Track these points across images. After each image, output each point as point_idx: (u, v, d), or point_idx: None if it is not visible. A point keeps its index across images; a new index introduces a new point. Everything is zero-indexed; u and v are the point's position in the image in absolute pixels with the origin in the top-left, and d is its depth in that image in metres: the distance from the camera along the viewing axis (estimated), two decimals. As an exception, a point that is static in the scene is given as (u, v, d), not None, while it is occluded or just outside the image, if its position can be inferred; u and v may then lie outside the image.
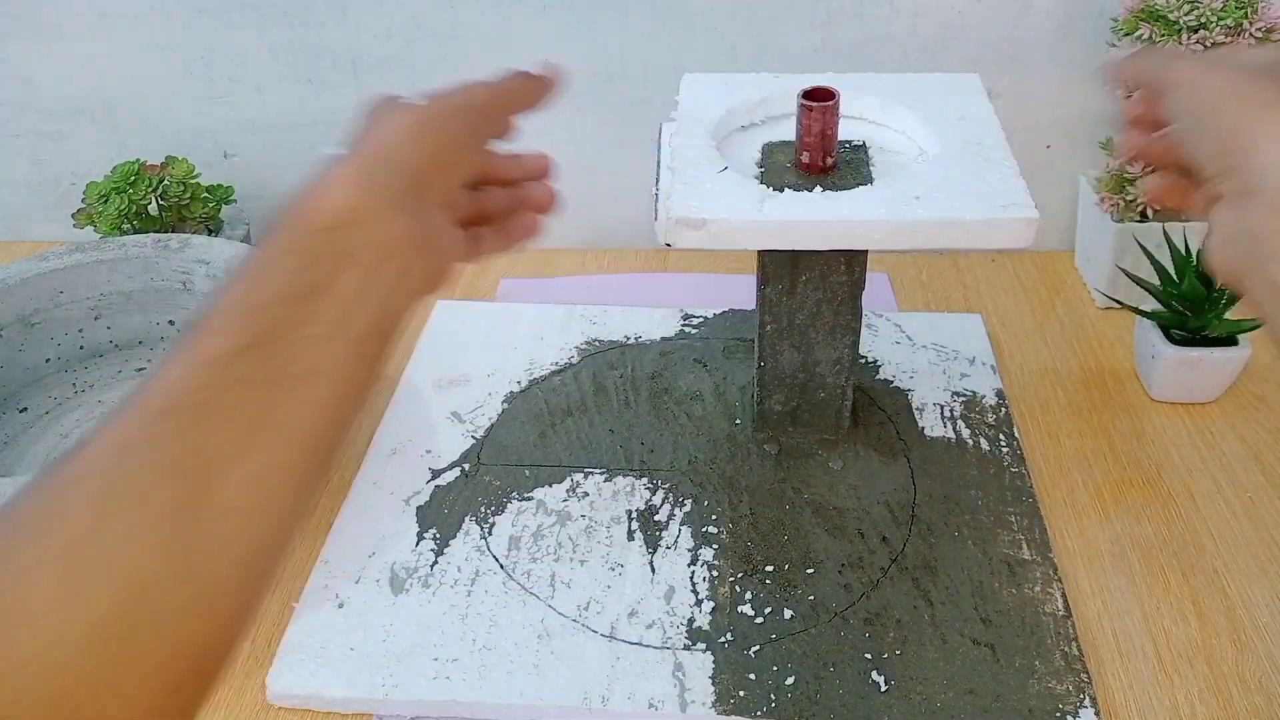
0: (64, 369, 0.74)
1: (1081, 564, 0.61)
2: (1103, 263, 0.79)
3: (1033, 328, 0.80)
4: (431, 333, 0.80)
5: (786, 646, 0.56)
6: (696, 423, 0.70)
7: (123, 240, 0.74)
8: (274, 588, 0.62)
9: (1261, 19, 0.68)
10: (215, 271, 0.71)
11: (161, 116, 0.88)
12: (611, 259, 0.91)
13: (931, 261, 0.88)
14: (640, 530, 0.63)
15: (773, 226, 0.53)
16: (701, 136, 0.60)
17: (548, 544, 0.62)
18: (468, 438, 0.70)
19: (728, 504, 0.64)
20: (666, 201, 0.54)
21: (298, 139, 0.88)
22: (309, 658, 0.56)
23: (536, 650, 0.56)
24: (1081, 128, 0.83)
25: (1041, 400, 0.73)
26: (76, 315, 0.73)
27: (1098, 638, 0.57)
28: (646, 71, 0.83)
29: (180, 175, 0.81)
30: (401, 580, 0.60)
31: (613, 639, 0.57)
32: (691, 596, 0.59)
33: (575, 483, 0.66)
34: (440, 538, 0.63)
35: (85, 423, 0.71)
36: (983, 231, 0.51)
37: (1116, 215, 0.77)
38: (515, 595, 0.59)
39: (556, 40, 0.82)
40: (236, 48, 0.84)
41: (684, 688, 0.54)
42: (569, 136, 0.87)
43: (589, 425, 0.71)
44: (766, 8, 0.80)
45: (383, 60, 0.83)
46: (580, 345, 0.78)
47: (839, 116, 0.57)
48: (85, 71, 0.86)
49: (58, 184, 0.92)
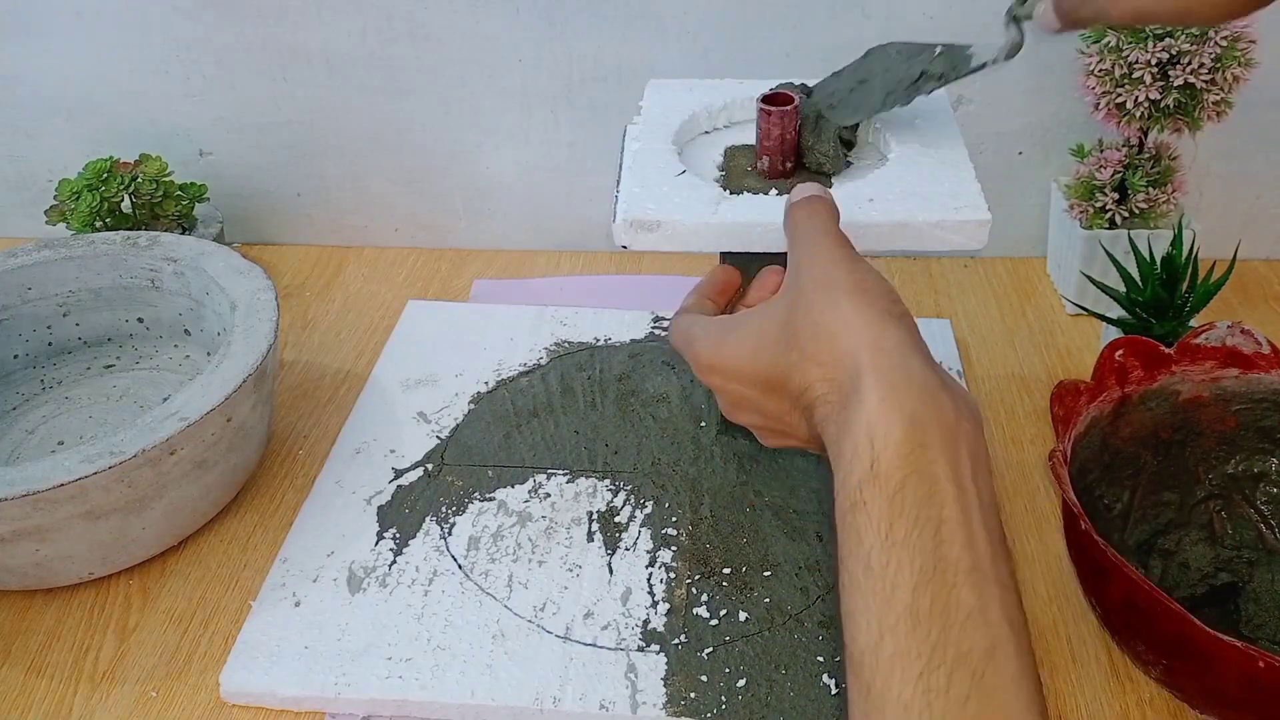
0: (32, 365, 0.74)
1: (1039, 570, 0.61)
2: (1072, 269, 0.79)
3: (1002, 333, 0.80)
4: (401, 333, 0.80)
5: (740, 649, 0.56)
6: (661, 425, 0.70)
7: (92, 237, 0.74)
8: (233, 586, 0.62)
9: (1226, 27, 0.68)
10: (184, 269, 0.71)
11: (137, 114, 0.88)
12: (584, 261, 0.91)
13: (904, 266, 0.88)
14: (600, 532, 0.63)
15: (726, 229, 0.53)
16: (663, 140, 0.61)
17: (507, 545, 0.62)
18: (432, 438, 0.70)
19: (689, 506, 0.64)
20: (622, 203, 0.54)
21: (272, 138, 0.88)
22: (263, 656, 0.56)
23: (491, 650, 0.56)
24: (1053, 134, 0.83)
25: (1007, 406, 0.73)
26: (45, 312, 0.73)
27: (1051, 643, 0.57)
28: (620, 75, 0.83)
29: (153, 173, 0.81)
30: (359, 579, 0.60)
31: (567, 640, 0.57)
32: (648, 598, 0.59)
33: (538, 484, 0.67)
34: (400, 538, 0.63)
35: (52, 419, 0.71)
36: (936, 233, 0.51)
37: (1085, 222, 0.77)
38: (472, 596, 0.59)
39: (530, 42, 0.82)
40: (211, 46, 0.84)
41: (636, 689, 0.54)
42: (542, 138, 0.87)
43: (554, 426, 0.71)
44: (738, 12, 0.80)
45: (356, 60, 0.84)
46: (549, 347, 0.78)
47: (799, 121, 0.57)
48: (61, 69, 0.86)
49: (34, 181, 0.92)
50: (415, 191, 0.91)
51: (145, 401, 0.72)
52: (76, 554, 0.58)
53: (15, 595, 0.62)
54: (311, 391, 0.76)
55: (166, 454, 0.56)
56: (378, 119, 0.87)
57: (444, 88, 0.85)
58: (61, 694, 0.56)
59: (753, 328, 0.42)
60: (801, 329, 0.39)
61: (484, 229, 0.92)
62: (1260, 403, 0.60)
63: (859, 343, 0.37)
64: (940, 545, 0.33)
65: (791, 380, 0.39)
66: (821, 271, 0.40)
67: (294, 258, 0.92)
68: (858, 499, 0.35)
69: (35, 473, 0.54)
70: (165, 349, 0.75)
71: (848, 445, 0.36)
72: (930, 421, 0.35)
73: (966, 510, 0.34)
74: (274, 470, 0.69)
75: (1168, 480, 0.61)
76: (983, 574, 0.33)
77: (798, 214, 0.46)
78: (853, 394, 0.36)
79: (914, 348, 0.38)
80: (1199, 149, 0.81)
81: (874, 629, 0.33)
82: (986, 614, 0.33)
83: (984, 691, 0.31)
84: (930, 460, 0.34)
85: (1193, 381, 0.59)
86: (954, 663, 0.32)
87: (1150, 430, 0.60)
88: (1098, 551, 0.48)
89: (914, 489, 0.34)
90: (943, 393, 0.36)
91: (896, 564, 0.33)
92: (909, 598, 0.33)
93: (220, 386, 0.59)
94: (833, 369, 0.38)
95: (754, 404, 0.42)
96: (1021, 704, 0.32)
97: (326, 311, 0.86)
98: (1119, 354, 0.58)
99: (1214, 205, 0.84)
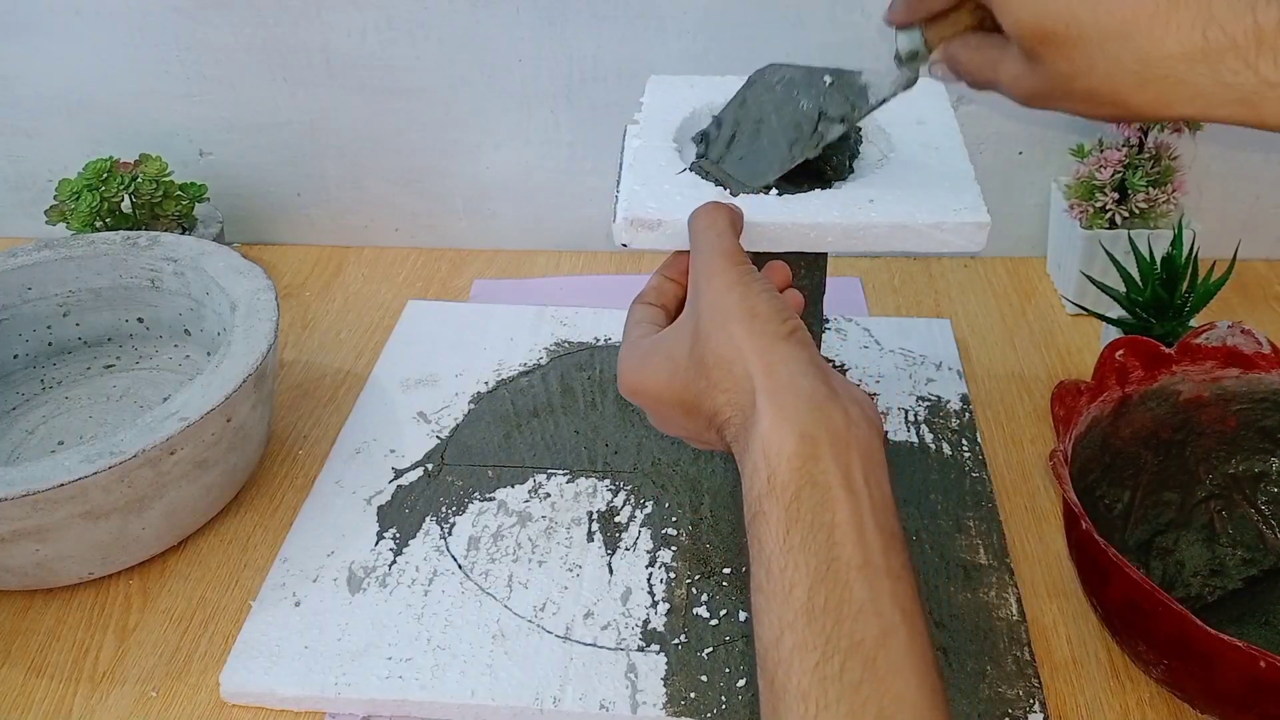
0: (32, 365, 0.74)
1: (1039, 569, 0.61)
2: (1073, 269, 0.79)
3: (1002, 333, 0.80)
4: (401, 333, 0.80)
5: (740, 649, 0.56)
6: (661, 425, 0.70)
7: (92, 237, 0.74)
8: (233, 586, 0.62)
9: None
10: (184, 269, 0.71)
11: (137, 114, 0.88)
12: (585, 261, 0.91)
13: (904, 266, 0.88)
14: (600, 531, 0.63)
15: (726, 229, 0.53)
16: (664, 138, 0.60)
17: (507, 544, 0.62)
18: (432, 438, 0.70)
19: (688, 506, 0.64)
20: (623, 202, 0.54)
21: (272, 138, 0.88)
22: (263, 656, 0.56)
23: (491, 650, 0.56)
24: (1053, 134, 0.83)
25: (1007, 406, 0.73)
26: (45, 312, 0.73)
27: (1051, 643, 0.57)
28: (620, 74, 0.83)
29: (153, 173, 0.81)
30: (359, 579, 0.60)
31: (567, 640, 0.57)
32: (648, 598, 0.59)
33: (538, 483, 0.67)
34: (400, 537, 0.63)
35: (52, 419, 0.71)
36: (935, 235, 0.51)
37: (1085, 222, 0.77)
38: (472, 595, 0.59)
39: (530, 42, 0.82)
40: (211, 46, 0.84)
41: (636, 689, 0.54)
42: (542, 138, 0.87)
43: (554, 426, 0.71)
44: (739, 12, 0.80)
45: (356, 59, 0.84)
46: (550, 346, 0.78)
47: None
48: (61, 68, 0.86)
49: (33, 181, 0.92)
50: (415, 191, 0.91)
51: (145, 401, 0.72)
52: (76, 554, 0.58)
53: (15, 595, 0.62)
54: (311, 391, 0.76)
55: (166, 454, 0.56)
56: (378, 119, 0.87)
57: (444, 88, 0.85)
58: (61, 694, 0.56)
59: (666, 353, 0.45)
60: (705, 358, 0.42)
61: (484, 229, 0.92)
62: (1261, 402, 0.60)
63: (753, 368, 0.40)
64: (833, 547, 0.36)
65: (703, 405, 0.42)
66: (716, 298, 0.43)
67: (294, 258, 0.92)
68: (759, 510, 0.38)
69: (35, 473, 0.54)
70: (165, 349, 0.75)
71: (749, 462, 0.39)
72: (820, 434, 0.38)
73: (858, 512, 0.37)
74: (274, 470, 0.69)
75: (1168, 480, 0.61)
76: (874, 568, 0.36)
77: (696, 224, 0.48)
78: (750, 415, 0.40)
79: (804, 365, 0.40)
80: (1199, 149, 0.81)
81: (775, 626, 0.36)
82: (878, 605, 0.35)
83: (877, 675, 0.34)
84: (822, 470, 0.37)
85: (1193, 381, 0.59)
86: (847, 651, 0.34)
87: (1151, 430, 0.60)
88: (1098, 551, 0.48)
89: (807, 498, 0.37)
90: (831, 404, 0.39)
91: (794, 566, 0.36)
92: (805, 596, 0.35)
93: (220, 386, 0.59)
94: (734, 394, 0.41)
95: (678, 422, 0.46)
96: (915, 683, 0.34)
97: (326, 311, 0.86)
98: (1119, 354, 0.58)
99: (1214, 205, 0.84)
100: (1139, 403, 0.59)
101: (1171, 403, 0.60)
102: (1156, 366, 0.59)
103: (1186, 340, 0.59)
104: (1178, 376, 0.59)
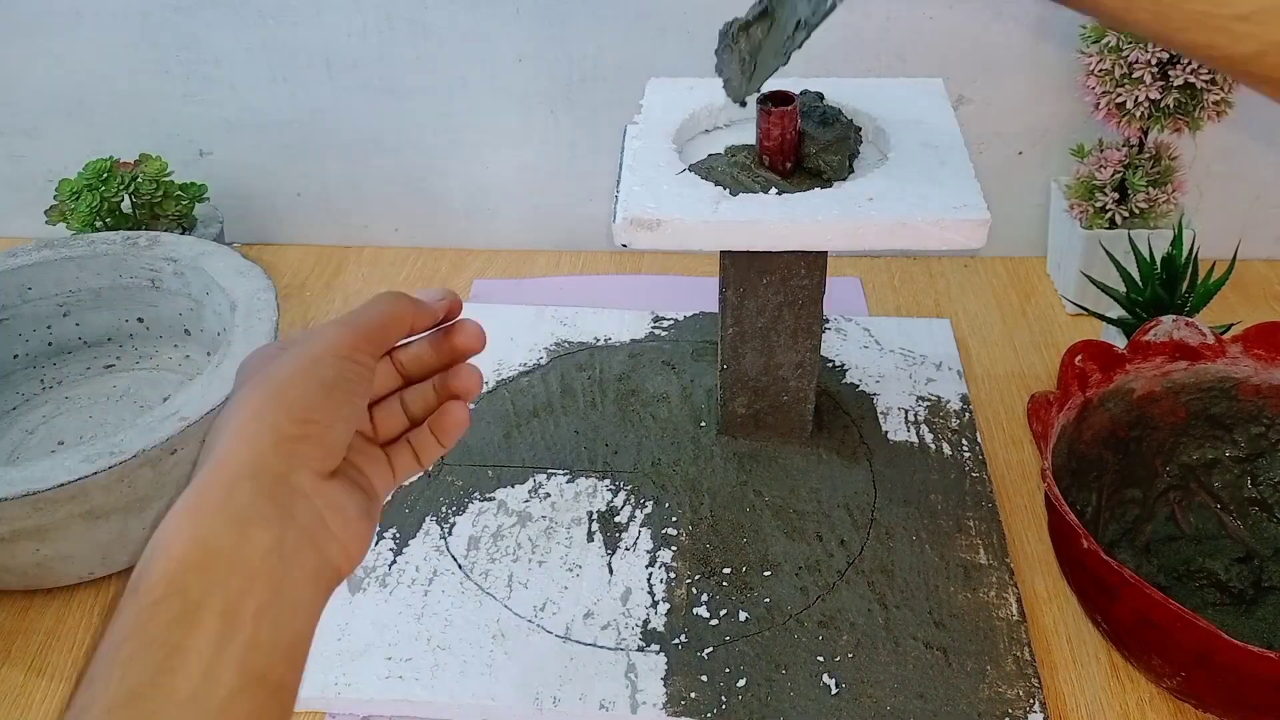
0: (32, 365, 0.74)
1: (1039, 569, 0.61)
2: (1073, 269, 0.79)
3: (1002, 333, 0.80)
4: (401, 333, 0.80)
5: (740, 649, 0.56)
6: (661, 425, 0.70)
7: (92, 237, 0.74)
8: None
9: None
10: (184, 269, 0.71)
11: (137, 114, 0.88)
12: (584, 261, 0.91)
13: (904, 266, 0.88)
14: (600, 531, 0.63)
15: (726, 228, 0.53)
16: (664, 139, 0.61)
17: (507, 544, 0.62)
18: (432, 438, 0.70)
19: (689, 506, 0.64)
20: (622, 202, 0.54)
21: (272, 138, 0.88)
22: (263, 655, 0.56)
23: (490, 650, 0.56)
24: (1053, 134, 0.83)
25: (1007, 406, 0.73)
26: (45, 312, 0.73)
27: (1052, 643, 0.57)
28: (620, 74, 0.83)
29: (153, 173, 0.81)
30: (359, 579, 0.60)
31: (567, 640, 0.57)
32: (648, 598, 0.59)
33: (538, 483, 0.67)
34: (400, 537, 0.63)
35: (52, 419, 0.71)
36: (935, 232, 0.51)
37: (1085, 222, 0.77)
38: (472, 595, 0.59)
39: (529, 42, 0.82)
40: (211, 46, 0.84)
41: (635, 689, 0.54)
42: (542, 138, 0.87)
43: (554, 426, 0.71)
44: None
45: (356, 59, 0.84)
46: (549, 346, 0.78)
47: (799, 120, 0.57)
48: (61, 69, 0.86)
49: (33, 181, 0.92)
50: (415, 191, 0.91)
51: (145, 401, 0.72)
52: (76, 554, 0.58)
53: (15, 595, 0.62)
54: (311, 391, 0.76)
55: (166, 454, 0.56)
56: (378, 119, 0.87)
57: (444, 88, 0.85)
58: (62, 694, 0.56)
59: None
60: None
61: (484, 229, 0.92)
62: (1209, 391, 0.60)
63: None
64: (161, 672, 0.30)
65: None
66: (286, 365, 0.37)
67: (294, 258, 0.92)
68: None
69: (35, 473, 0.54)
70: (165, 349, 0.75)
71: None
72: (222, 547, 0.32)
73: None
74: (274, 470, 0.69)
75: (1130, 478, 0.61)
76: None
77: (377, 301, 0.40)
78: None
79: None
80: (1199, 149, 0.81)
81: None
82: None
83: None
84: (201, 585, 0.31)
85: (1145, 378, 0.59)
86: None
87: (1109, 430, 0.60)
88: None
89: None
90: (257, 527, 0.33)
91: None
92: None
93: (220, 386, 0.59)
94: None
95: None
96: None
97: (326, 311, 0.85)
98: (1078, 359, 0.58)
99: (1214, 205, 0.84)
100: (1098, 405, 0.59)
101: (1127, 401, 0.60)
102: (1112, 367, 0.59)
103: (1136, 339, 0.59)
104: (1131, 374, 0.59)
